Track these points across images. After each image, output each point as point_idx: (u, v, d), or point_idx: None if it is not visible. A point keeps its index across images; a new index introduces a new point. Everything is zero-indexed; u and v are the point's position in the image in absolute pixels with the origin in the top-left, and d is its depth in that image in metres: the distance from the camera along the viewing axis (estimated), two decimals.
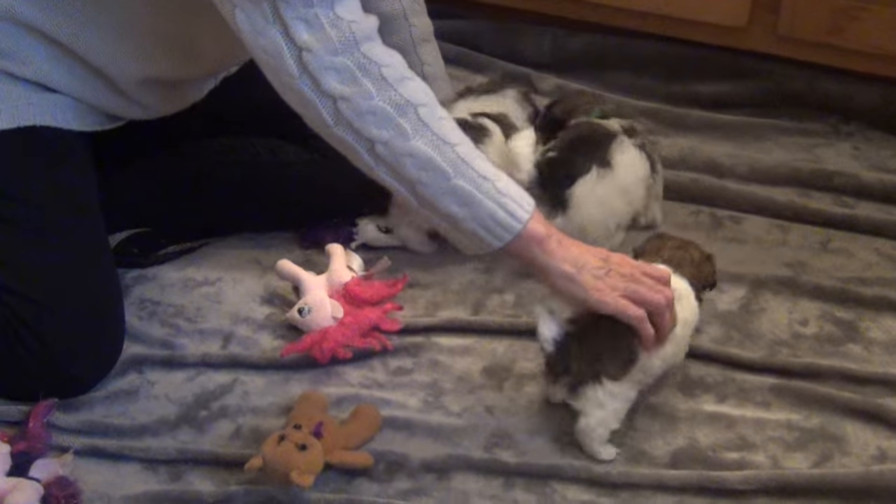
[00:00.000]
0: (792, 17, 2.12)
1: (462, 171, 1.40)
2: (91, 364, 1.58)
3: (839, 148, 2.15)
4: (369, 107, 1.37)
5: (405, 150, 1.39)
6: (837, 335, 1.71)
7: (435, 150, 1.39)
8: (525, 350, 1.66)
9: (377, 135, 1.39)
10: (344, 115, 1.38)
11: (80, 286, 1.56)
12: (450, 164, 1.40)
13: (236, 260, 1.83)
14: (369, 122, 1.38)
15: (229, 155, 1.82)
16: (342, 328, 1.65)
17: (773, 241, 1.91)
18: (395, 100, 1.38)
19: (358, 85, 1.37)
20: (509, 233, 1.43)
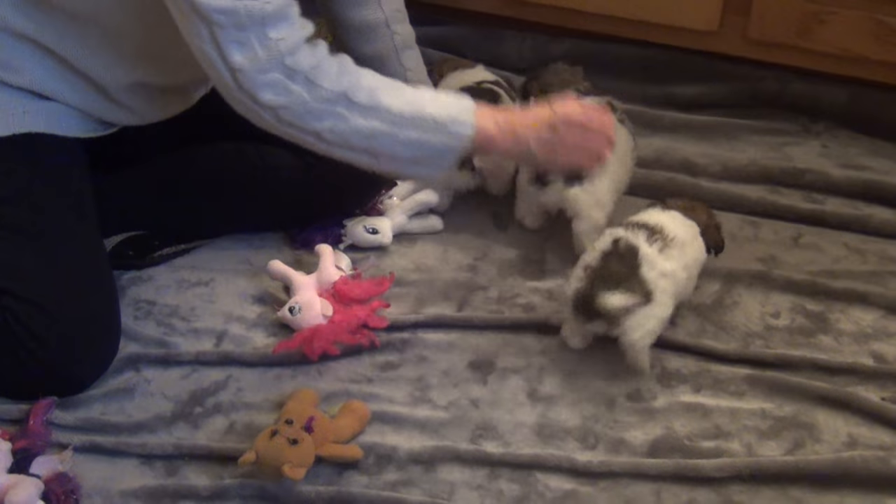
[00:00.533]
0: (762, 21, 2.17)
1: (404, 124, 1.55)
2: (88, 364, 1.60)
3: (808, 146, 2.20)
4: (305, 108, 1.51)
5: (349, 130, 1.53)
6: (808, 327, 1.76)
7: (373, 119, 1.54)
8: (508, 344, 1.71)
9: (320, 126, 1.53)
10: (285, 119, 1.52)
11: (77, 288, 1.59)
12: (391, 125, 1.54)
13: (228, 261, 1.86)
14: (309, 119, 1.52)
15: (221, 159, 1.85)
16: (331, 326, 1.68)
17: (746, 236, 1.96)
18: (326, 96, 1.51)
19: (290, 94, 1.49)
20: (461, 150, 1.59)
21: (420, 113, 1.56)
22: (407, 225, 1.93)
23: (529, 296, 1.80)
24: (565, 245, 1.91)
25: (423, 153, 1.58)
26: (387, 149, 1.57)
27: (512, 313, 1.77)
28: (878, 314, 1.79)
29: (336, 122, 1.53)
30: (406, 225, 1.93)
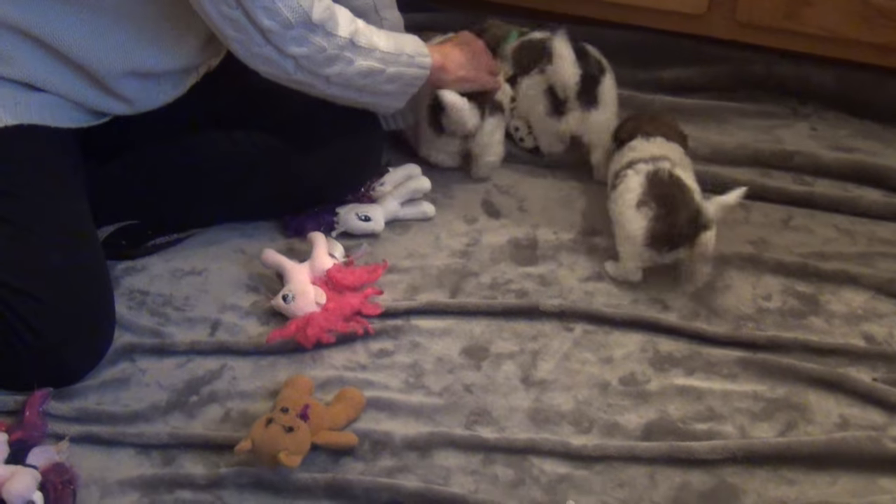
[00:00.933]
0: (749, 3, 2.17)
1: (390, 61, 1.78)
2: (83, 354, 1.61)
3: (797, 129, 2.22)
4: (323, 56, 1.69)
5: (352, 71, 1.74)
6: (799, 309, 1.77)
7: (370, 59, 1.75)
8: (501, 330, 1.72)
9: (330, 71, 1.72)
10: (303, 66, 1.69)
11: (70, 278, 1.59)
12: (381, 62, 1.77)
13: (222, 250, 1.86)
14: (324, 65, 1.70)
15: (212, 147, 1.84)
16: (325, 314, 1.69)
17: (736, 219, 1.97)
18: (339, 43, 1.70)
19: (311, 44, 1.67)
20: (423, 77, 1.85)
21: (399, 49, 1.79)
22: (399, 212, 1.94)
23: (522, 281, 1.81)
24: (556, 230, 1.92)
25: (400, 85, 1.82)
26: (376, 84, 1.79)
27: (505, 299, 1.77)
28: (869, 295, 1.80)
29: (344, 65, 1.72)
30: (398, 212, 1.93)
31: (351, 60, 1.72)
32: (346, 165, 1.88)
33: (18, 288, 1.55)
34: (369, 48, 1.74)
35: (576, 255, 1.87)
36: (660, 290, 1.80)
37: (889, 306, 1.78)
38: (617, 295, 1.79)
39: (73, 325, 1.57)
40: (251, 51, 1.65)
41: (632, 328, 1.72)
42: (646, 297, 1.79)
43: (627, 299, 1.78)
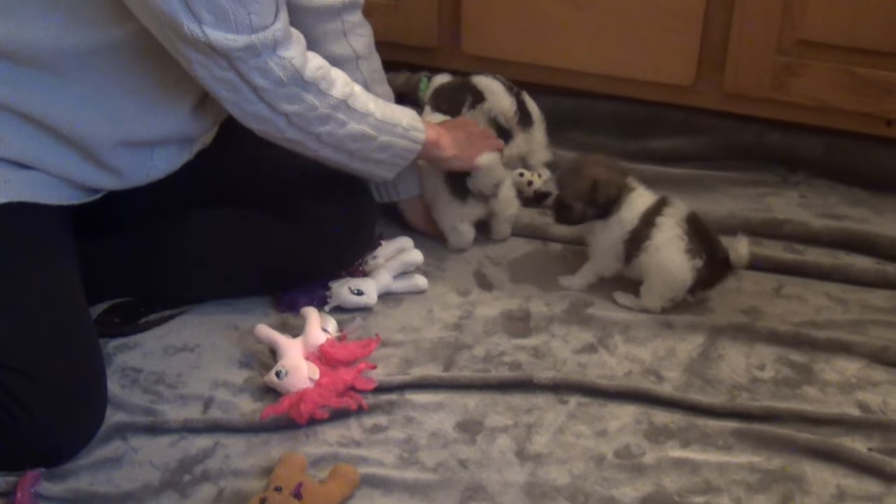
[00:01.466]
0: (736, 74, 2.20)
1: (383, 129, 1.79)
2: (75, 432, 1.59)
3: (787, 197, 2.24)
4: (315, 115, 1.70)
5: (344, 133, 1.75)
6: (794, 378, 1.77)
7: (363, 124, 1.77)
8: (496, 403, 1.71)
9: (322, 130, 1.73)
10: (295, 124, 1.70)
11: (62, 356, 1.58)
12: (374, 129, 1.78)
13: (215, 325, 1.86)
14: (315, 123, 1.72)
15: (207, 226, 1.85)
16: (319, 389, 1.68)
17: (729, 288, 1.97)
18: (332, 103, 1.71)
19: (304, 102, 1.68)
20: (416, 151, 1.87)
21: (394, 120, 1.81)
22: (392, 285, 1.94)
23: (515, 354, 1.81)
24: (549, 301, 1.92)
25: (391, 155, 1.84)
26: (368, 151, 1.80)
27: (498, 372, 1.77)
28: (862, 363, 1.80)
29: (335, 126, 1.73)
30: (391, 285, 1.94)
31: (343, 122, 1.73)
32: (341, 243, 1.89)
33: (9, 366, 1.54)
34: (363, 112, 1.76)
35: (569, 327, 1.87)
36: (653, 361, 1.80)
37: (883, 374, 1.78)
38: (611, 366, 1.79)
39: (65, 402, 1.56)
40: (244, 109, 1.67)
41: (626, 400, 1.72)
42: (639, 368, 1.79)
43: (621, 370, 1.78)
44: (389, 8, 2.37)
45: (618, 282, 1.96)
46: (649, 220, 1.89)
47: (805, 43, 2.15)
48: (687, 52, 2.21)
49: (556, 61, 2.30)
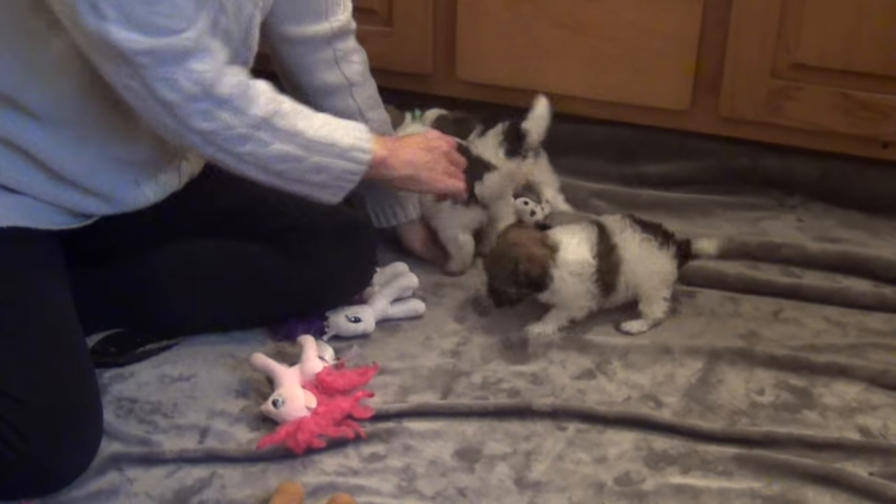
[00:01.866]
0: (732, 98, 2.21)
1: (314, 150, 1.67)
2: (71, 459, 1.58)
3: (784, 220, 2.24)
4: (231, 133, 1.60)
5: (266, 154, 1.64)
6: (793, 403, 1.77)
7: (289, 144, 1.65)
8: (494, 431, 1.70)
9: (242, 150, 1.63)
10: (212, 142, 1.61)
11: (57, 383, 1.57)
12: (303, 149, 1.66)
13: (211, 354, 1.85)
14: (234, 143, 1.62)
15: (201, 254, 1.85)
16: (316, 418, 1.67)
17: (727, 312, 1.97)
18: (250, 122, 1.61)
19: (219, 120, 1.59)
20: (360, 173, 1.73)
21: (328, 138, 1.69)
22: (389, 311, 1.93)
23: (513, 380, 1.80)
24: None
25: (327, 177, 1.71)
26: (297, 172, 1.69)
27: (496, 399, 1.76)
28: (862, 387, 1.79)
29: (256, 146, 1.63)
30: (388, 311, 1.93)
31: (266, 142, 1.63)
32: (340, 275, 1.88)
33: (5, 392, 1.53)
34: (290, 132, 1.65)
35: (567, 353, 1.87)
36: (652, 387, 1.79)
37: (883, 398, 1.77)
38: (609, 392, 1.78)
39: (61, 430, 1.55)
40: (158, 122, 1.58)
41: (625, 426, 1.71)
42: (638, 393, 1.78)
43: (620, 396, 1.77)
44: (384, 35, 2.37)
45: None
46: (606, 246, 1.89)
47: (800, 67, 2.15)
48: (682, 76, 2.22)
49: (551, 86, 2.29)
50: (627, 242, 1.90)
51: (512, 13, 2.26)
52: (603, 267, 1.88)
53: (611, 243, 1.89)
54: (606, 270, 1.88)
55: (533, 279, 1.85)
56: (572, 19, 2.23)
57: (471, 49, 2.33)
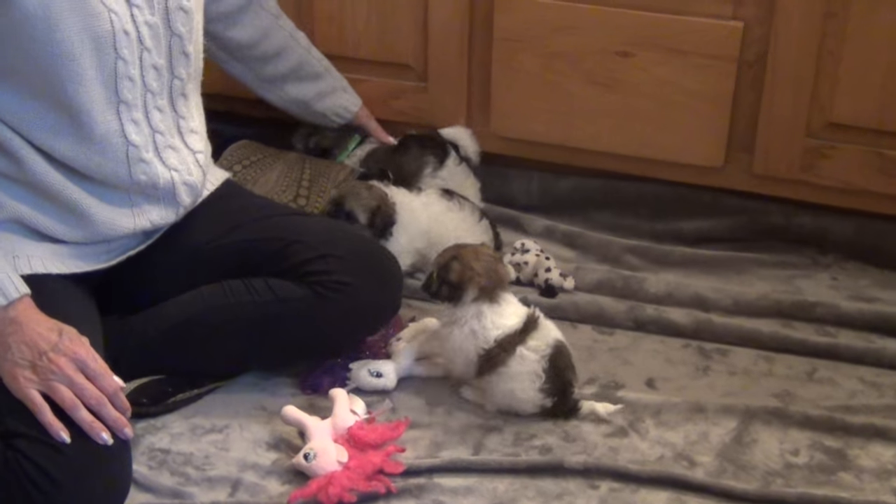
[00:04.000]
0: (766, 156, 2.21)
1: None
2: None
3: (818, 279, 2.22)
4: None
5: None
6: (828, 464, 1.74)
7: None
8: (526, 488, 1.69)
9: None
10: None
11: None
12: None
13: (242, 406, 1.85)
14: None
15: (231, 298, 1.84)
16: (347, 472, 1.66)
17: (760, 371, 1.96)
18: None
19: None
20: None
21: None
22: (414, 369, 1.93)
23: (545, 437, 1.79)
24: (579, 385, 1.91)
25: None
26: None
27: (528, 455, 1.75)
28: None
29: None
30: (413, 369, 1.93)
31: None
32: (366, 305, 1.87)
33: (38, 438, 1.53)
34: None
35: None
36: (685, 446, 1.77)
37: None
38: (642, 451, 1.76)
39: (92, 476, 1.55)
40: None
41: (659, 485, 1.69)
42: (671, 452, 1.76)
43: (653, 455, 1.76)
44: (419, 90, 2.39)
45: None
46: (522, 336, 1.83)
47: (834, 126, 2.15)
48: (716, 133, 2.22)
49: (584, 142, 2.31)
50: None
51: (546, 69, 2.28)
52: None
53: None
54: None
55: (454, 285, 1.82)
56: (606, 76, 2.24)
57: (505, 104, 2.34)
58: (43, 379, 1.55)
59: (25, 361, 1.56)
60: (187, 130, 1.83)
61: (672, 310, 2.10)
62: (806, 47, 2.11)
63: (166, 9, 1.72)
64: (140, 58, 1.69)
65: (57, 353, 1.57)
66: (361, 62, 2.40)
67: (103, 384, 1.58)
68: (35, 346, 1.57)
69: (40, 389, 1.55)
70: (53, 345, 1.57)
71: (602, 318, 2.09)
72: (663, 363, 1.98)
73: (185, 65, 1.78)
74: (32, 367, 1.56)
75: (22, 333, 1.58)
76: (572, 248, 2.32)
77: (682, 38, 2.17)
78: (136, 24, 1.67)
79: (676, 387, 1.92)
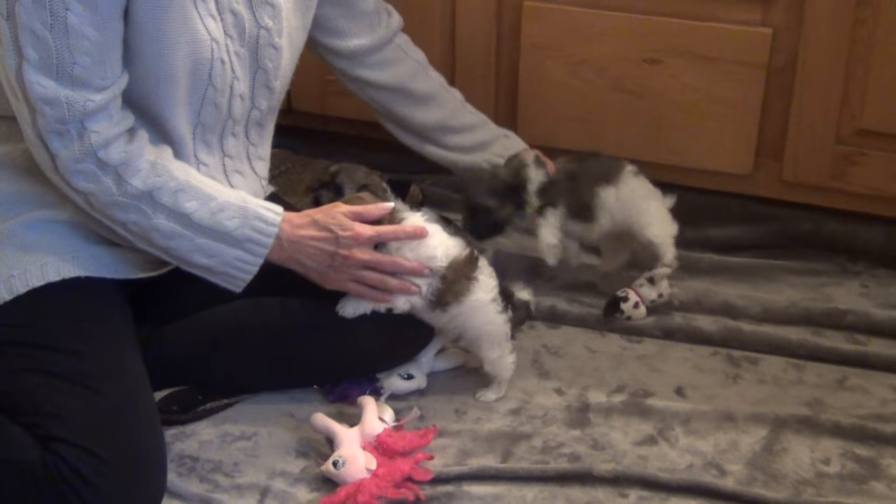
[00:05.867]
0: (795, 163, 2.20)
1: (202, 232, 1.67)
2: None
3: (848, 286, 2.21)
4: (112, 200, 1.63)
5: (150, 226, 1.65)
6: (860, 473, 1.73)
7: (174, 221, 1.66)
8: (554, 496, 1.68)
9: (125, 218, 1.65)
10: (95, 206, 1.64)
11: (128, 436, 1.59)
12: (190, 230, 1.67)
13: (271, 413, 1.85)
14: (115, 210, 1.64)
15: (265, 314, 1.85)
16: (376, 480, 1.66)
17: (791, 380, 1.95)
18: (131, 192, 1.63)
19: (100, 183, 1.61)
20: (256, 265, 1.72)
21: (219, 225, 1.68)
22: (435, 364, 1.94)
23: (574, 445, 1.79)
24: (608, 392, 1.90)
25: (218, 263, 1.70)
26: (183, 252, 1.69)
27: (557, 463, 1.74)
28: None
29: (139, 217, 1.64)
30: (434, 364, 1.94)
31: (148, 214, 1.64)
32: (398, 335, 1.88)
33: (74, 442, 1.54)
34: (173, 209, 1.65)
35: (628, 418, 1.85)
36: (715, 454, 1.76)
37: None
38: (672, 459, 1.76)
39: (129, 482, 1.56)
40: (48, 174, 1.63)
41: (688, 494, 1.68)
42: (701, 461, 1.75)
43: (683, 464, 1.75)
44: None
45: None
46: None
47: (864, 132, 2.14)
48: (745, 141, 2.22)
49: (612, 150, 2.29)
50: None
51: (573, 77, 2.28)
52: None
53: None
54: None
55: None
56: (634, 83, 2.24)
57: (532, 112, 2.34)
58: (347, 273, 1.75)
59: (324, 267, 1.75)
60: (256, 157, 1.86)
61: (700, 317, 2.09)
62: (835, 54, 2.10)
63: (257, 43, 1.73)
64: (231, 86, 1.72)
65: (343, 248, 1.74)
66: None
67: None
68: (322, 251, 1.74)
69: (352, 279, 1.75)
70: (334, 240, 1.74)
71: (630, 327, 2.08)
72: (692, 371, 1.97)
73: (268, 97, 1.80)
74: (333, 269, 1.75)
75: (303, 246, 1.73)
76: (600, 256, 2.31)
77: (711, 45, 2.16)
78: (229, 54, 1.69)
79: (706, 395, 1.91)
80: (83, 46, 1.53)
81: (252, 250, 1.71)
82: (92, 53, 1.54)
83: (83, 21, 1.52)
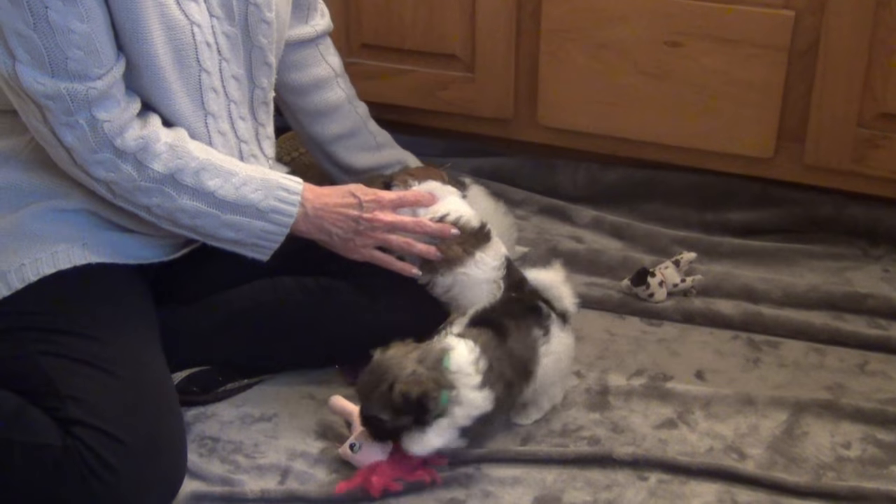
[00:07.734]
0: (816, 147, 2.19)
1: (227, 208, 1.68)
2: (155, 493, 1.59)
3: (869, 271, 2.20)
4: (134, 185, 1.63)
5: (175, 207, 1.66)
6: (881, 457, 1.72)
7: (198, 201, 1.66)
8: (574, 479, 1.68)
9: (149, 202, 1.65)
10: (117, 193, 1.64)
11: (147, 418, 1.59)
12: (215, 207, 1.67)
13: (291, 395, 1.86)
14: (139, 195, 1.64)
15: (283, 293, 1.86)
16: (392, 463, 1.66)
17: (811, 364, 1.94)
18: (153, 176, 1.63)
19: (120, 171, 1.61)
20: (282, 234, 1.73)
21: (243, 199, 1.69)
22: None
23: (594, 428, 1.79)
24: (628, 375, 1.90)
25: (244, 236, 1.71)
26: (210, 229, 1.70)
27: (577, 447, 1.74)
28: None
29: (163, 199, 1.65)
30: None
31: (172, 197, 1.65)
32: (416, 310, 1.87)
33: (95, 425, 1.55)
34: (197, 189, 1.66)
35: (648, 401, 1.85)
36: (735, 438, 1.76)
37: None
38: (692, 443, 1.75)
39: (149, 464, 1.57)
40: (67, 169, 1.63)
41: (708, 477, 1.68)
42: (721, 444, 1.75)
43: (703, 447, 1.74)
44: (466, 80, 2.39)
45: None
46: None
47: (886, 116, 2.13)
48: (766, 124, 2.20)
49: (632, 133, 2.30)
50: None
51: (594, 59, 2.27)
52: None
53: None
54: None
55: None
56: (655, 66, 2.23)
57: (552, 95, 2.34)
58: (372, 237, 1.77)
59: (350, 234, 1.76)
60: (264, 137, 1.85)
61: (721, 301, 2.08)
62: (858, 37, 2.08)
63: (246, 21, 1.73)
64: (220, 69, 1.71)
65: (366, 211, 1.76)
66: (408, 53, 2.40)
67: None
68: (347, 216, 1.75)
69: (376, 246, 1.78)
70: (357, 204, 1.76)
71: (650, 310, 2.08)
72: (712, 355, 1.96)
73: (268, 74, 1.80)
74: (358, 233, 1.77)
75: (327, 212, 1.75)
76: (619, 239, 2.31)
77: (733, 28, 2.15)
78: (215, 35, 1.68)
79: (726, 379, 1.91)
80: (72, 40, 1.52)
81: (278, 221, 1.71)
82: (82, 45, 1.53)
83: (66, 16, 1.51)
